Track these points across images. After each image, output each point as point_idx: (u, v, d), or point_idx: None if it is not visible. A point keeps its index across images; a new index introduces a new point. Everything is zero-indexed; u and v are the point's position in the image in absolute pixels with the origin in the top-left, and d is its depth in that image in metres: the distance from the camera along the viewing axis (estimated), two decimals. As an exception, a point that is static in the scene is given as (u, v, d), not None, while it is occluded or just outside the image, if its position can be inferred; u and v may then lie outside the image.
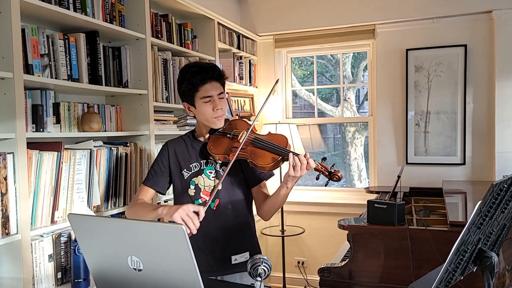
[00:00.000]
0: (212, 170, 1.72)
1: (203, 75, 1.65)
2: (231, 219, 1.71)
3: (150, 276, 1.06)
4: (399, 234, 2.00)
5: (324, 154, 4.01)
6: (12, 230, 1.57)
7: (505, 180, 1.03)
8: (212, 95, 1.66)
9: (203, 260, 1.70)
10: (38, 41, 1.75)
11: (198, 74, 1.65)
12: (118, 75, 2.24)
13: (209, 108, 1.66)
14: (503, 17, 3.02)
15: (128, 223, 1.13)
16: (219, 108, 1.66)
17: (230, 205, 1.71)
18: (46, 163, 1.72)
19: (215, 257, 1.70)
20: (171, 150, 1.77)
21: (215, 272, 1.70)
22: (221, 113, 1.68)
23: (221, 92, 1.69)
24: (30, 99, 1.75)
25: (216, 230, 1.70)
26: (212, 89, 1.66)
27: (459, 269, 1.05)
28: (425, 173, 3.29)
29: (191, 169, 1.73)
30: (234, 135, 1.69)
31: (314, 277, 3.29)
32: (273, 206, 1.70)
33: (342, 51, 3.72)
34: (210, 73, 1.66)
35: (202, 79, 1.65)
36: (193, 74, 1.66)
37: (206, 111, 1.67)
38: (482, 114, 3.17)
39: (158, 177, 1.75)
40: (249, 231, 1.78)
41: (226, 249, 1.70)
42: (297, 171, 1.51)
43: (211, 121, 1.69)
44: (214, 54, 2.99)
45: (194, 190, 1.71)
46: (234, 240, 1.71)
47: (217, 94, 1.67)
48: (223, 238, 1.70)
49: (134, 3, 2.28)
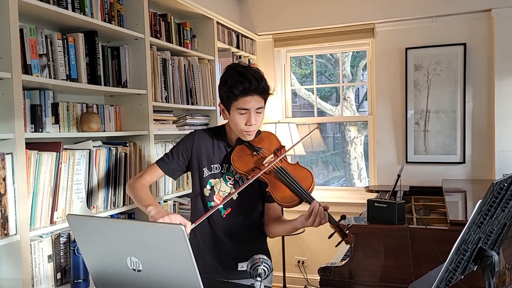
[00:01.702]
0: (231, 177, 1.66)
1: (245, 86, 1.53)
2: (241, 229, 1.68)
3: (149, 277, 1.05)
4: (399, 233, 2.00)
5: (324, 153, 4.00)
6: (11, 231, 1.56)
7: (505, 179, 1.02)
8: (249, 108, 1.55)
9: (210, 262, 1.69)
10: (37, 41, 1.75)
11: (240, 84, 1.54)
12: (117, 75, 2.23)
13: (242, 121, 1.57)
14: (502, 15, 3.02)
15: (127, 224, 1.13)
16: (253, 124, 1.57)
17: (241, 216, 1.67)
18: (45, 164, 1.71)
19: (221, 260, 1.69)
20: (197, 142, 1.69)
21: (220, 275, 1.69)
22: (253, 128, 1.59)
23: (260, 107, 1.58)
24: (29, 99, 1.75)
25: (225, 235, 1.67)
26: (251, 103, 1.55)
27: (460, 268, 1.05)
28: (425, 172, 3.29)
29: (212, 169, 1.67)
30: (261, 156, 1.62)
31: (315, 276, 3.29)
32: (279, 232, 1.71)
33: (342, 50, 3.72)
34: (254, 85, 1.54)
35: (244, 90, 1.54)
36: (236, 82, 1.54)
37: (239, 123, 1.58)
38: (482, 113, 3.17)
39: (173, 164, 1.69)
40: (258, 241, 1.75)
41: (234, 256, 1.68)
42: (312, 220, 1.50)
43: (241, 134, 1.62)
44: (213, 53, 2.98)
45: (209, 191, 1.67)
46: (242, 249, 1.68)
47: (255, 108, 1.56)
48: (232, 244, 1.68)
49: (132, 2, 2.28)
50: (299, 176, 1.56)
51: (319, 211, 1.49)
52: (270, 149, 1.64)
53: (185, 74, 2.72)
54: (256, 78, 1.55)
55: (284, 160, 1.62)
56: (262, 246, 1.76)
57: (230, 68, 1.62)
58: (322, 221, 1.50)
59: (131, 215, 2.27)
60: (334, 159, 4.07)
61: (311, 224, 1.51)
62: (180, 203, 2.64)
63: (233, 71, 1.59)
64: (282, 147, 1.66)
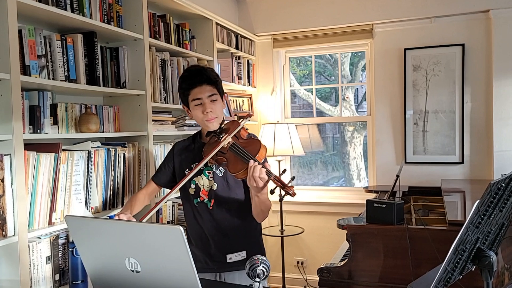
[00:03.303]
0: (210, 170, 1.77)
1: (191, 80, 1.72)
2: (226, 219, 1.74)
3: (148, 278, 1.05)
4: (398, 234, 2.00)
5: (323, 154, 4.01)
6: (9, 232, 1.56)
7: (503, 179, 1.02)
8: (201, 97, 1.71)
9: (199, 257, 1.76)
10: (35, 42, 1.74)
11: (187, 79, 1.74)
12: (116, 75, 2.23)
13: (199, 112, 1.73)
14: (500, 16, 3.03)
15: (126, 225, 1.13)
16: (209, 111, 1.70)
17: (225, 205, 1.75)
18: (44, 165, 1.71)
19: (210, 254, 1.75)
20: (176, 150, 1.87)
21: (211, 269, 1.75)
22: (212, 115, 1.71)
23: (212, 94, 1.72)
24: (27, 100, 1.75)
25: (211, 228, 1.74)
26: (201, 92, 1.71)
27: (458, 268, 1.05)
28: (423, 172, 3.29)
29: (192, 168, 1.76)
30: (220, 138, 1.69)
31: (314, 277, 3.29)
32: (256, 210, 1.72)
33: (341, 51, 3.72)
34: (198, 77, 1.72)
35: (190, 83, 1.72)
36: (184, 79, 1.76)
37: (197, 114, 1.73)
38: (480, 113, 3.17)
39: (162, 173, 1.88)
40: (247, 230, 1.79)
41: (221, 248, 1.74)
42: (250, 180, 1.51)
43: (203, 124, 1.76)
44: (212, 54, 2.98)
45: (194, 189, 1.78)
46: (229, 240, 1.75)
47: (207, 96, 1.71)
48: (218, 236, 1.75)
49: (131, 3, 2.28)
50: (248, 148, 1.64)
51: (254, 169, 1.51)
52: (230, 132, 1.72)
53: (184, 74, 2.72)
54: (198, 70, 1.75)
55: (241, 138, 1.70)
56: (252, 238, 1.80)
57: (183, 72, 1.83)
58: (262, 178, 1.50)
59: (130, 216, 2.27)
60: (333, 160, 4.07)
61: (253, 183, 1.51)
62: (179, 203, 2.63)
63: (182, 73, 1.81)
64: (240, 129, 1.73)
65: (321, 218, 3.55)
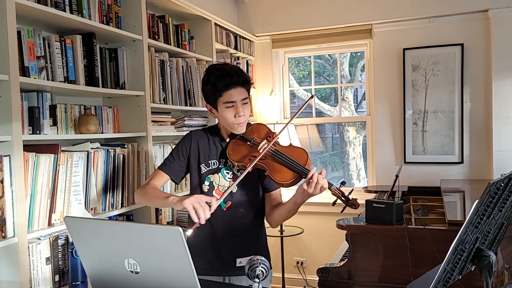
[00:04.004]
0: (229, 171, 1.69)
1: (227, 80, 1.60)
2: (240, 222, 1.69)
3: (147, 279, 1.05)
4: (397, 234, 2.00)
5: (323, 154, 4.01)
6: (9, 233, 1.56)
7: (502, 179, 1.03)
8: (235, 100, 1.61)
9: (209, 259, 1.70)
10: (34, 43, 1.75)
11: (222, 79, 1.60)
12: (115, 76, 2.23)
13: (231, 114, 1.62)
14: (499, 16, 3.03)
15: (125, 226, 1.13)
16: (242, 115, 1.63)
17: (242, 208, 1.69)
18: (43, 166, 1.71)
19: (220, 257, 1.69)
20: (194, 141, 1.74)
21: (220, 271, 1.69)
22: (243, 119, 1.64)
23: (245, 97, 1.64)
24: (27, 102, 1.75)
25: (224, 231, 1.68)
26: (236, 95, 1.61)
27: (457, 268, 1.05)
28: (423, 172, 3.29)
29: (209, 165, 1.71)
30: (254, 144, 1.65)
31: (313, 277, 3.29)
32: (281, 215, 1.68)
33: (340, 51, 3.72)
34: (235, 78, 1.60)
35: (226, 84, 1.60)
36: (218, 78, 1.61)
37: (228, 117, 1.63)
38: (480, 113, 3.17)
39: (175, 164, 1.72)
40: (258, 236, 1.75)
41: (232, 251, 1.69)
42: (311, 187, 1.49)
43: (233, 127, 1.66)
44: (211, 55, 2.99)
45: (208, 187, 1.70)
46: (241, 243, 1.69)
47: (240, 100, 1.62)
48: (230, 239, 1.69)
49: (130, 4, 2.28)
50: (294, 155, 1.59)
51: (318, 178, 1.49)
52: (262, 136, 1.69)
53: (183, 75, 2.72)
54: (235, 70, 1.63)
55: (278, 144, 1.66)
56: (261, 242, 1.77)
57: (209, 68, 1.69)
58: (322, 188, 1.49)
59: (130, 217, 2.27)
60: (333, 160, 4.07)
61: (312, 191, 1.49)
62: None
63: (212, 69, 1.66)
64: (274, 133, 1.70)
65: (321, 219, 3.55)
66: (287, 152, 1.61)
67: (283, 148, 1.64)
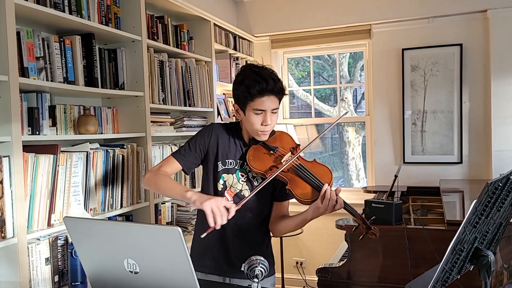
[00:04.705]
0: (244, 174, 1.65)
1: (262, 87, 1.53)
2: (247, 226, 1.66)
3: (146, 279, 1.05)
4: (396, 234, 2.00)
5: (322, 154, 4.01)
6: (8, 234, 1.56)
7: (500, 178, 1.03)
8: (266, 109, 1.55)
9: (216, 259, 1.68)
10: (34, 44, 1.75)
11: (258, 84, 1.53)
12: (114, 77, 2.23)
13: (258, 121, 1.57)
14: (498, 16, 3.04)
15: (124, 226, 1.13)
16: (269, 124, 1.57)
17: (250, 213, 1.65)
18: (42, 166, 1.71)
19: (226, 258, 1.67)
20: (214, 135, 1.67)
21: (225, 272, 1.67)
22: (269, 128, 1.59)
23: (275, 107, 1.59)
24: (26, 102, 1.75)
25: (231, 232, 1.65)
26: (268, 103, 1.55)
27: (456, 268, 1.05)
28: (422, 172, 3.29)
29: (226, 164, 1.65)
30: (278, 155, 1.61)
31: (313, 277, 3.29)
32: (287, 228, 1.66)
33: (339, 51, 3.73)
34: (271, 85, 1.54)
35: (260, 90, 1.53)
36: (253, 82, 1.53)
37: (255, 123, 1.57)
38: (479, 113, 3.18)
39: (190, 155, 1.66)
40: (264, 242, 1.73)
41: (238, 255, 1.66)
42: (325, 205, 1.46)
43: (256, 134, 1.61)
44: (210, 55, 2.99)
45: (222, 186, 1.65)
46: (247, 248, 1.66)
47: (271, 109, 1.56)
48: (237, 242, 1.66)
49: (129, 5, 2.28)
50: (318, 173, 1.56)
51: (331, 194, 1.46)
52: (286, 147, 1.64)
53: (183, 76, 2.73)
54: (273, 78, 1.55)
55: (301, 158, 1.62)
56: (267, 248, 1.74)
57: (246, 68, 1.61)
58: (336, 207, 1.47)
59: (129, 217, 2.27)
60: (332, 160, 4.07)
61: (324, 209, 1.47)
62: (178, 205, 2.64)
63: (249, 71, 1.58)
64: (298, 146, 1.66)
65: (320, 219, 3.49)
66: (310, 168, 1.57)
67: (306, 164, 1.60)
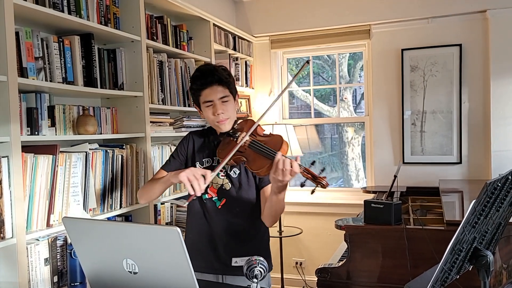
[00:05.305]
0: (223, 169, 1.70)
1: (202, 80, 1.66)
2: (236, 221, 1.68)
3: (145, 279, 1.05)
4: (396, 234, 2.00)
5: (322, 154, 4.01)
6: (7, 234, 1.56)
7: (499, 179, 1.03)
8: (212, 99, 1.65)
9: (205, 258, 1.70)
10: (33, 44, 1.74)
11: (198, 79, 1.67)
12: (114, 77, 2.23)
13: (210, 113, 1.67)
14: (497, 16, 3.04)
15: (123, 226, 1.13)
16: (220, 113, 1.65)
17: (237, 207, 1.68)
18: (41, 167, 1.71)
19: (216, 256, 1.70)
20: (190, 140, 1.79)
21: (216, 270, 1.69)
22: (223, 117, 1.66)
23: (224, 95, 1.66)
24: (25, 102, 1.75)
25: (219, 229, 1.69)
26: (212, 94, 1.65)
27: (455, 268, 1.05)
28: (421, 172, 3.30)
29: (203, 163, 1.73)
30: (236, 137, 1.64)
31: (312, 277, 3.29)
32: (268, 210, 1.64)
33: (338, 52, 3.73)
34: (210, 77, 1.65)
35: (201, 84, 1.66)
36: (195, 79, 1.69)
37: (208, 115, 1.68)
38: (478, 113, 3.18)
39: (175, 162, 1.78)
40: (255, 235, 1.73)
41: (227, 250, 1.68)
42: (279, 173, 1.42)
43: (215, 125, 1.71)
44: (210, 55, 2.99)
45: None
46: (237, 242, 1.69)
47: (218, 98, 1.65)
48: (225, 238, 1.69)
49: (129, 5, 2.28)
50: (270, 143, 1.56)
51: (284, 162, 1.43)
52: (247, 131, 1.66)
53: (182, 76, 2.73)
54: (210, 69, 1.67)
55: (258, 135, 1.64)
56: (260, 243, 1.75)
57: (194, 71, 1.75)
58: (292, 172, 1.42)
59: (128, 217, 2.27)
60: (332, 160, 4.07)
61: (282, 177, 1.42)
62: (177, 205, 2.63)
63: (194, 72, 1.74)
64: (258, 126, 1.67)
65: (320, 219, 3.55)
66: (263, 140, 1.59)
67: (261, 138, 1.62)
